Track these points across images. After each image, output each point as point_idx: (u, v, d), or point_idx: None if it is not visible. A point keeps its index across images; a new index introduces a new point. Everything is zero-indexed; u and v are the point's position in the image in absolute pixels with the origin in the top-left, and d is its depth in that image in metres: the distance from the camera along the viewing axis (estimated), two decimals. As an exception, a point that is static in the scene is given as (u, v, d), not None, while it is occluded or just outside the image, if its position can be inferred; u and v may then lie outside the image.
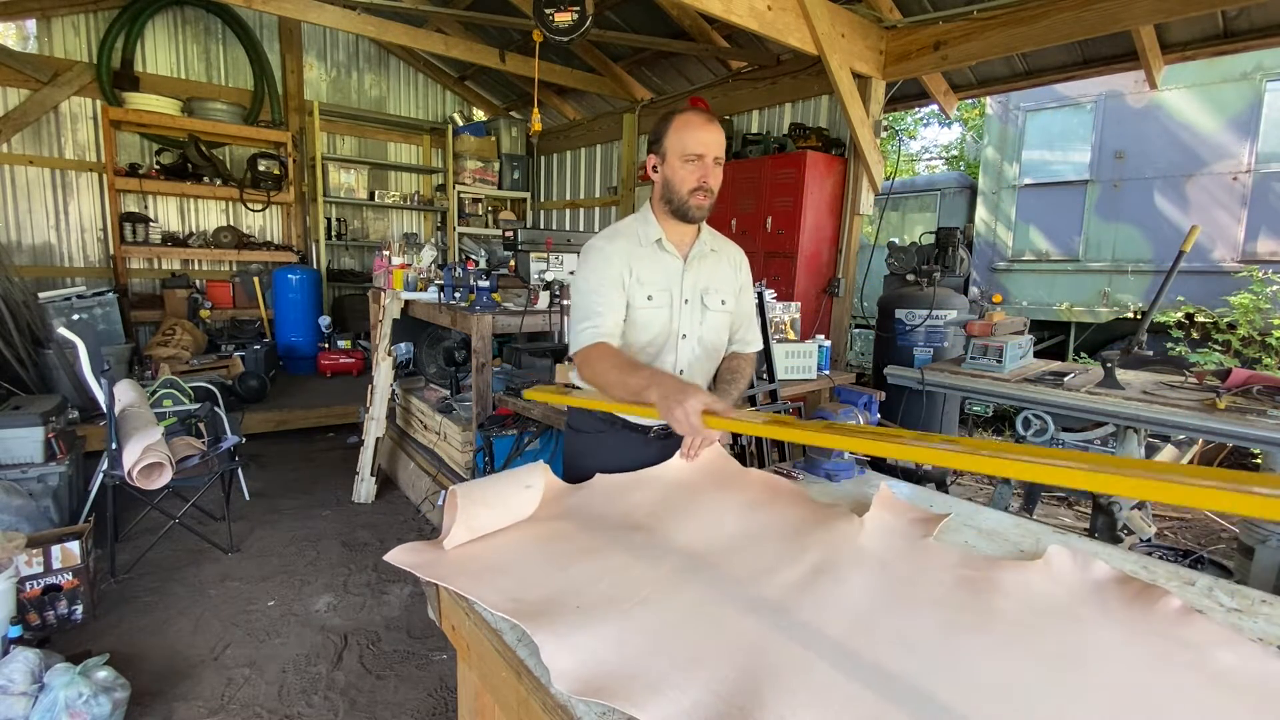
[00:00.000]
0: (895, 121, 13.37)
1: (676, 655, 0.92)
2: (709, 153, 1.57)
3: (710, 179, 1.59)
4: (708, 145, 1.57)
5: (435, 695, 2.27)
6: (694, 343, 1.72)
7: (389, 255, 4.27)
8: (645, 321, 1.66)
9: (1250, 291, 4.82)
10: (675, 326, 1.69)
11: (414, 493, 3.94)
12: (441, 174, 7.77)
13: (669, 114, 1.62)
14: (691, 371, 1.74)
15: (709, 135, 1.57)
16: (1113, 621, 1.06)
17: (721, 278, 1.75)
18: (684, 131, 1.58)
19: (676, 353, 1.71)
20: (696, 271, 1.70)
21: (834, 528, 1.34)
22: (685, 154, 1.58)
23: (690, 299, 1.69)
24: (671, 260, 1.68)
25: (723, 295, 1.74)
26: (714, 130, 1.58)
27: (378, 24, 4.97)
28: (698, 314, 1.71)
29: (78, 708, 1.87)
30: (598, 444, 1.77)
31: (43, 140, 5.85)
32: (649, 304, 1.64)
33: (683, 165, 1.58)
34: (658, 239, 1.66)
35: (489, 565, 1.18)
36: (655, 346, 1.69)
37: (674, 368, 1.71)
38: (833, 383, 3.45)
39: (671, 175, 1.60)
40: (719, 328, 1.77)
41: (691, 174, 1.58)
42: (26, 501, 2.86)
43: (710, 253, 1.74)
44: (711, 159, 1.58)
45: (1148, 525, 2.61)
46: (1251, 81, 4.97)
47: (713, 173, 1.59)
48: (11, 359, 3.97)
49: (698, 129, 1.57)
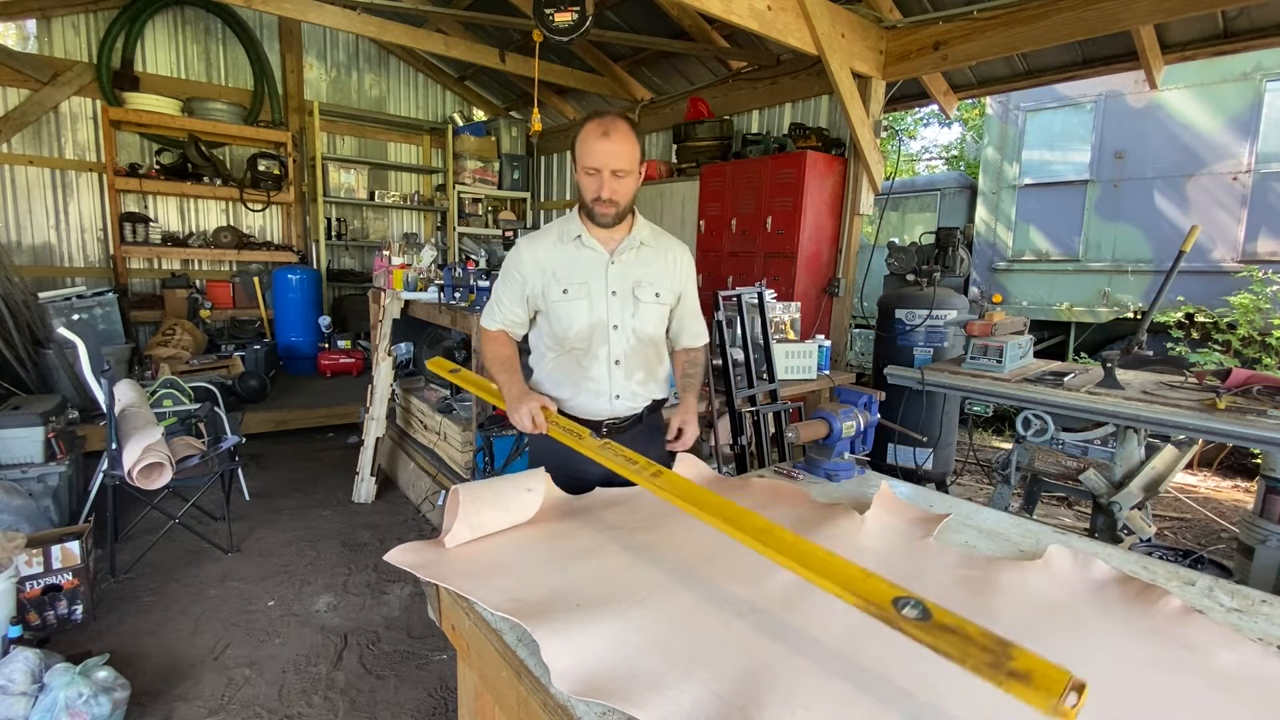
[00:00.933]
0: (895, 121, 13.37)
1: (676, 655, 0.92)
2: (605, 166, 1.60)
3: (606, 191, 1.62)
4: (604, 159, 1.60)
5: (435, 695, 2.27)
6: (628, 333, 1.76)
7: (389, 255, 4.26)
8: (567, 314, 1.72)
9: (1250, 291, 4.82)
10: (603, 318, 1.73)
11: (414, 493, 3.94)
12: (441, 174, 7.77)
13: (583, 120, 1.66)
14: (629, 362, 1.78)
15: (606, 147, 1.59)
16: (1113, 621, 1.06)
17: (655, 271, 1.79)
18: (583, 143, 1.62)
19: (609, 344, 1.75)
20: (624, 265, 1.74)
21: (835, 526, 1.34)
22: (584, 165, 1.63)
23: (619, 291, 1.74)
24: (593, 255, 1.73)
25: (656, 289, 1.78)
26: (613, 142, 1.59)
27: (378, 24, 4.97)
28: (629, 306, 1.75)
29: (78, 708, 1.87)
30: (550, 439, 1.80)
31: (43, 140, 5.85)
32: (564, 297, 1.72)
33: (584, 176, 1.64)
34: (577, 235, 1.73)
35: (489, 565, 1.18)
36: (584, 337, 1.74)
37: (609, 358, 1.76)
38: (832, 383, 3.45)
39: (579, 183, 1.68)
40: (655, 319, 1.81)
41: (590, 184, 1.64)
42: (26, 501, 2.86)
43: (640, 246, 1.77)
44: (609, 172, 1.61)
45: (1148, 525, 2.61)
46: (1251, 81, 4.97)
47: (610, 184, 1.62)
48: (11, 359, 3.97)
49: (593, 142, 1.60)
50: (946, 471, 4.20)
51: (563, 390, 1.80)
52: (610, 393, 1.77)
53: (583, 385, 1.77)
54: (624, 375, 1.78)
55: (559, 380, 1.80)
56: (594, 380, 1.76)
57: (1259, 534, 2.34)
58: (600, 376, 1.76)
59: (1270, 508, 2.35)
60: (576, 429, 1.59)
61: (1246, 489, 4.76)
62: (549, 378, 1.82)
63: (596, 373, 1.76)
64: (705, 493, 1.21)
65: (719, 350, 2.61)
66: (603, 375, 1.76)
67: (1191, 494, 4.58)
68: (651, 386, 1.85)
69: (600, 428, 1.80)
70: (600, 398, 1.77)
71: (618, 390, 1.78)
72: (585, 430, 1.58)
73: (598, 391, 1.77)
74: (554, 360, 1.80)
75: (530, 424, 1.63)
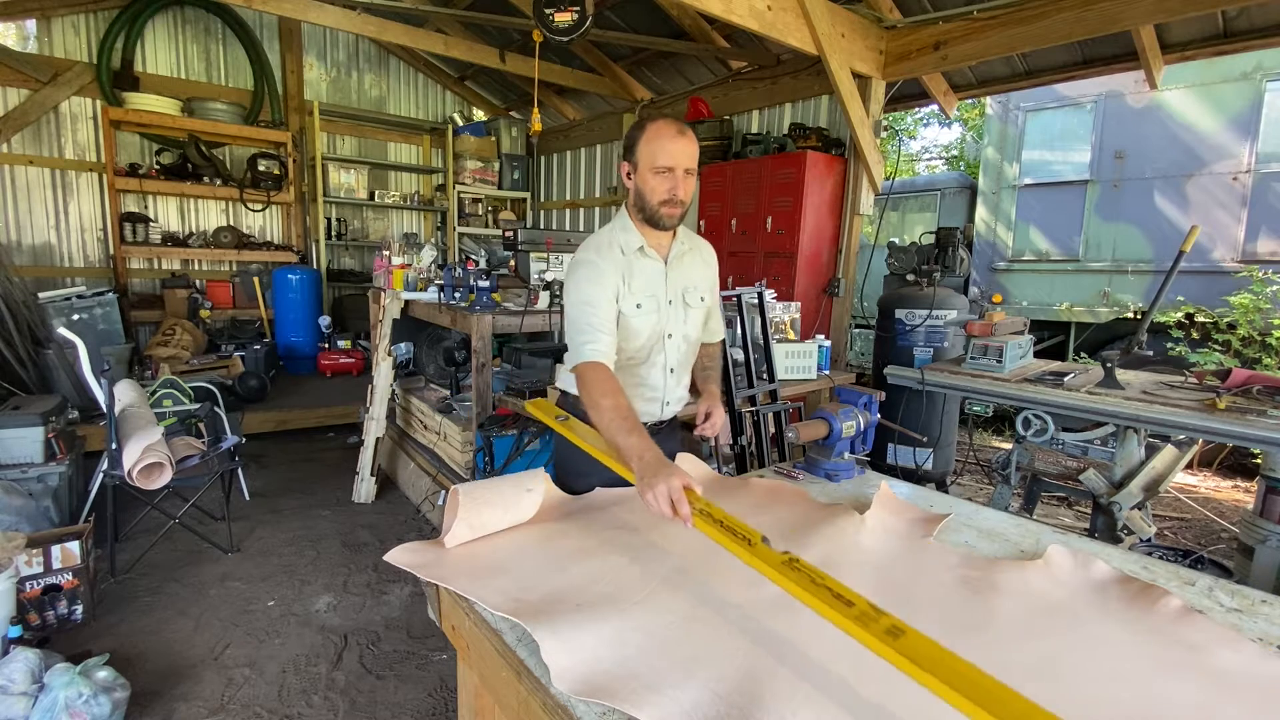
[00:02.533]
0: (895, 121, 13.37)
1: (676, 655, 0.92)
2: (679, 165, 1.57)
3: (679, 190, 1.59)
4: (677, 157, 1.56)
5: (435, 695, 2.27)
6: (679, 340, 1.76)
7: (389, 255, 4.26)
8: (636, 328, 1.68)
9: (1250, 291, 4.82)
10: (662, 328, 1.72)
11: (414, 493, 3.93)
12: (441, 174, 7.77)
13: (641, 122, 1.63)
14: (680, 368, 1.79)
15: (679, 147, 1.56)
16: (1113, 621, 1.06)
17: (698, 275, 1.80)
18: (654, 142, 1.57)
19: (665, 353, 1.74)
20: (677, 272, 1.74)
21: (835, 526, 1.34)
22: (655, 166, 1.58)
23: (674, 300, 1.73)
24: (654, 265, 1.70)
25: (701, 292, 1.79)
26: (685, 141, 1.58)
27: (378, 24, 4.97)
28: (680, 313, 1.75)
29: (78, 708, 1.87)
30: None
31: (43, 140, 5.85)
32: (638, 311, 1.67)
33: (653, 176, 1.59)
34: (639, 246, 1.67)
35: (489, 565, 1.18)
36: (646, 349, 1.72)
37: (664, 367, 1.75)
38: (833, 383, 3.45)
39: (643, 185, 1.61)
40: (699, 323, 1.82)
41: (661, 185, 1.59)
42: (26, 501, 2.86)
43: (687, 252, 1.77)
44: (682, 171, 1.58)
45: (1148, 525, 2.61)
46: (1251, 81, 4.97)
47: (683, 184, 1.60)
48: (11, 359, 3.97)
49: (668, 140, 1.56)
50: (946, 471, 4.20)
51: None
52: (664, 399, 1.78)
53: (638, 392, 1.74)
54: (676, 381, 1.80)
55: None
56: (651, 388, 1.76)
57: (1259, 534, 2.34)
58: (657, 384, 1.76)
59: (1270, 508, 2.35)
60: (744, 530, 1.07)
61: (1246, 489, 4.76)
62: None
63: (654, 380, 1.75)
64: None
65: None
66: (659, 383, 1.76)
67: (1191, 494, 4.58)
68: (688, 389, 1.88)
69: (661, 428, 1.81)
70: (655, 403, 1.78)
71: (669, 396, 1.79)
72: (755, 534, 1.05)
73: (653, 398, 1.77)
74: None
75: (669, 509, 1.18)
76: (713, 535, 1.08)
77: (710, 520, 1.11)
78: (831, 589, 0.90)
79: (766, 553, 0.98)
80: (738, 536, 1.04)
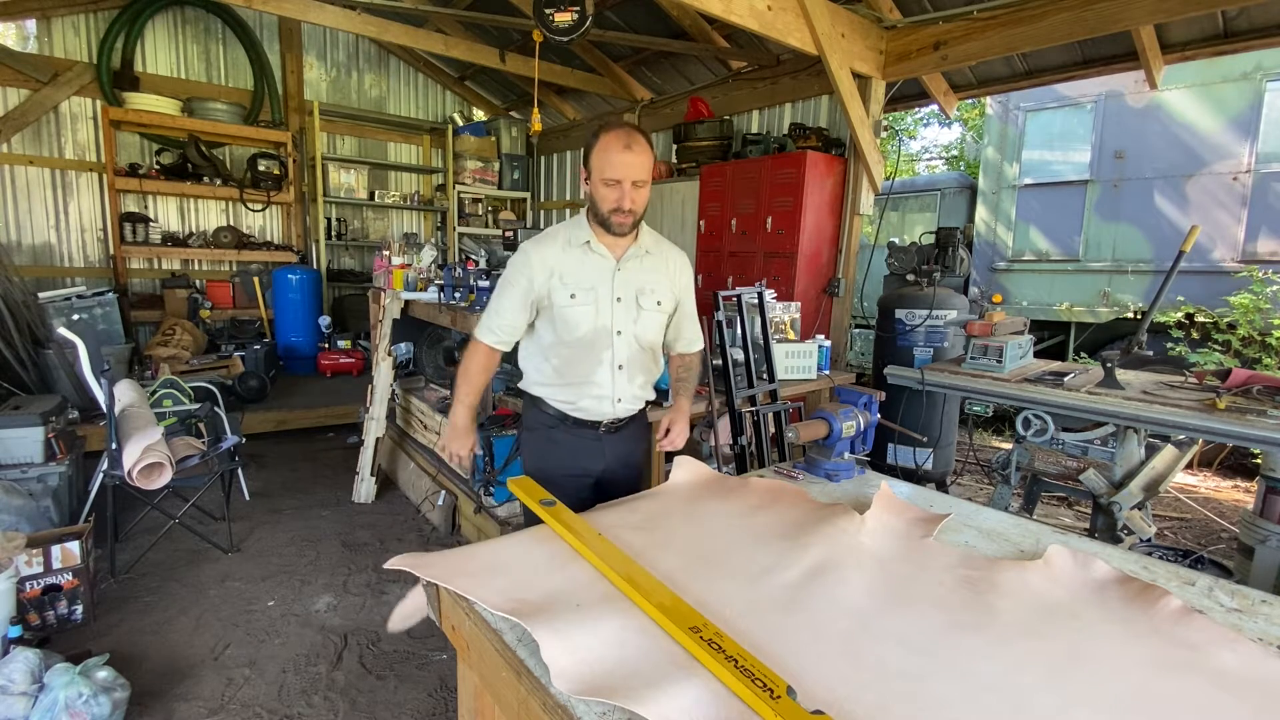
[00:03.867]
0: (895, 121, 13.37)
1: (676, 654, 0.92)
2: (626, 178, 1.62)
3: (626, 201, 1.65)
4: (623, 170, 1.62)
5: (435, 695, 2.27)
6: (630, 339, 1.80)
7: (389, 255, 4.26)
8: (573, 319, 1.75)
9: (1250, 291, 4.82)
10: (608, 324, 1.76)
11: (414, 493, 3.94)
12: (441, 174, 7.77)
13: (597, 131, 1.67)
14: (631, 366, 1.82)
15: (625, 160, 1.61)
16: (1113, 621, 1.06)
17: (658, 279, 1.82)
18: (604, 155, 1.63)
19: (613, 349, 1.78)
20: (630, 272, 1.78)
21: (835, 526, 1.34)
22: (604, 177, 1.64)
23: (623, 298, 1.77)
24: (601, 261, 1.76)
25: (658, 296, 1.81)
26: (632, 155, 1.62)
27: (378, 24, 4.97)
28: (632, 312, 1.78)
29: (78, 708, 1.87)
30: (550, 440, 1.87)
31: (43, 140, 5.85)
32: (573, 302, 1.74)
33: (603, 186, 1.65)
34: (586, 240, 1.75)
35: (489, 565, 1.18)
36: (588, 343, 1.76)
37: (612, 363, 1.79)
38: (833, 383, 3.45)
39: (595, 193, 1.68)
40: (655, 327, 1.84)
41: (610, 195, 1.66)
42: (26, 501, 2.86)
43: (645, 254, 1.81)
44: (629, 183, 1.63)
45: (1148, 525, 2.61)
46: (1251, 81, 4.97)
47: (630, 195, 1.65)
48: (11, 359, 3.97)
49: (615, 154, 1.61)
50: (946, 471, 4.20)
51: (567, 393, 1.82)
52: (613, 396, 1.81)
53: (585, 389, 1.80)
54: (626, 379, 1.82)
55: (563, 384, 1.82)
56: (598, 384, 1.80)
57: (1259, 534, 2.34)
58: (604, 381, 1.80)
59: (1270, 508, 2.35)
60: (766, 675, 0.86)
61: (1246, 489, 4.76)
62: (552, 381, 1.84)
63: (600, 377, 1.79)
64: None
65: (719, 350, 2.61)
66: (606, 380, 1.80)
67: (1191, 494, 4.58)
68: (650, 390, 1.91)
69: (598, 428, 1.85)
70: (603, 401, 1.81)
71: (620, 394, 1.82)
72: (781, 683, 0.84)
73: (601, 395, 1.81)
74: (557, 365, 1.82)
75: (454, 460, 1.87)
76: (724, 677, 0.86)
77: (722, 658, 0.87)
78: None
79: (793, 710, 0.79)
80: (755, 683, 0.83)
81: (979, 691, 0.88)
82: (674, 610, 0.99)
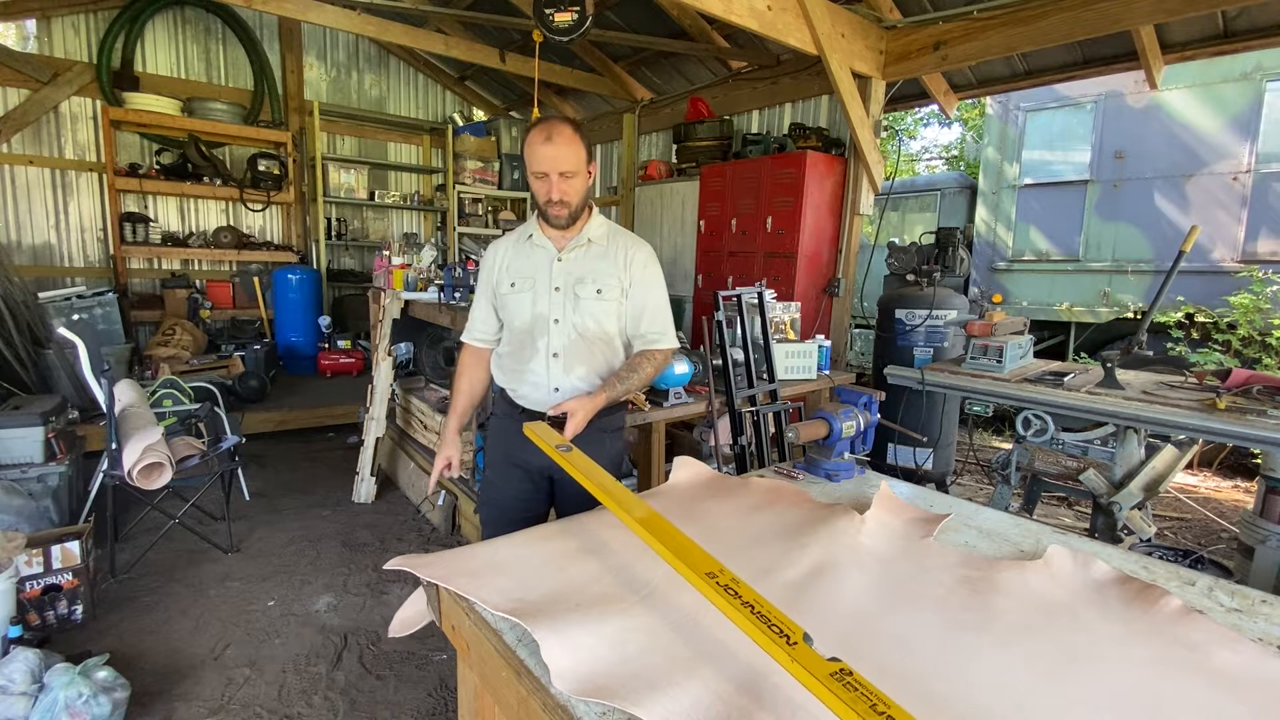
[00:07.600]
0: (895, 121, 13.37)
1: (676, 654, 0.92)
2: (551, 169, 1.67)
3: (555, 193, 1.69)
4: (546, 163, 1.67)
5: (435, 695, 2.27)
6: (568, 328, 1.80)
7: (389, 255, 4.26)
8: (513, 306, 1.83)
9: (1250, 291, 4.81)
10: (545, 311, 1.80)
11: (414, 493, 3.93)
12: (441, 174, 7.77)
13: (528, 127, 1.72)
14: (568, 356, 1.81)
15: (546, 153, 1.66)
16: (1113, 621, 1.06)
17: (601, 269, 1.81)
18: (530, 149, 1.69)
19: (549, 336, 1.80)
20: (570, 263, 1.80)
21: (835, 526, 1.34)
22: (533, 171, 1.70)
23: (561, 287, 1.79)
24: (542, 252, 1.82)
25: (599, 285, 1.80)
26: (553, 147, 1.65)
27: (378, 24, 4.97)
28: (570, 302, 1.79)
29: (78, 708, 1.87)
30: (503, 430, 1.93)
31: (43, 140, 5.85)
32: (512, 290, 1.83)
33: (534, 180, 1.73)
34: (530, 234, 1.84)
35: (489, 565, 1.18)
36: (527, 330, 1.83)
37: (547, 351, 1.81)
38: (833, 383, 3.45)
39: (531, 188, 1.75)
40: (598, 316, 1.81)
41: (540, 188, 1.71)
42: (26, 501, 2.86)
43: (589, 244, 1.82)
44: (556, 175, 1.67)
45: (1148, 525, 2.61)
46: (1251, 81, 4.97)
47: (558, 186, 1.69)
48: (11, 359, 3.97)
49: (537, 147, 1.67)
50: (946, 471, 4.20)
51: (512, 380, 1.88)
52: (549, 384, 1.82)
53: (524, 376, 1.84)
54: (562, 369, 1.81)
55: (507, 370, 1.89)
56: (534, 371, 1.82)
57: (1259, 534, 2.34)
58: (539, 369, 1.82)
59: (1270, 508, 2.35)
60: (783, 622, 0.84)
61: (1246, 489, 4.76)
62: (500, 367, 1.91)
63: (536, 365, 1.82)
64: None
65: (719, 350, 2.61)
66: (541, 368, 1.82)
67: (1191, 494, 4.58)
68: (596, 383, 1.81)
69: (543, 417, 1.75)
70: (540, 389, 1.83)
71: (556, 383, 1.81)
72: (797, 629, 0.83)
73: (537, 383, 1.83)
74: (505, 352, 1.89)
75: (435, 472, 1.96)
76: (739, 623, 0.85)
77: (739, 603, 0.87)
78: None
79: (810, 656, 0.76)
80: (772, 629, 0.81)
81: (979, 691, 0.88)
82: (689, 554, 0.99)
